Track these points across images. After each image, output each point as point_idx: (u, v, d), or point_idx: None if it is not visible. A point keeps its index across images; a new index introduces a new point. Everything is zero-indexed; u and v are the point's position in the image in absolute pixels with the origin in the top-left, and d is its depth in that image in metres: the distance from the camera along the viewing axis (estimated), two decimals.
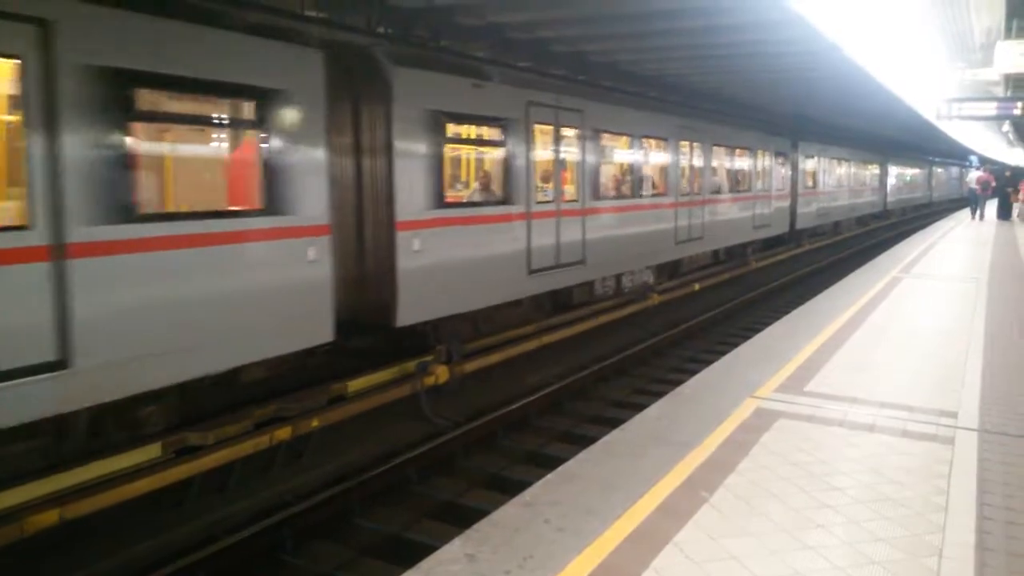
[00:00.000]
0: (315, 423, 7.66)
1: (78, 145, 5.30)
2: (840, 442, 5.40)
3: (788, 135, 22.83)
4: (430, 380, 9.13)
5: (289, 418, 7.48)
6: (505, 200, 10.07)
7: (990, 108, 20.17)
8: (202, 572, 5.79)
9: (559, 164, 11.12)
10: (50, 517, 5.55)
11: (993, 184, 32.55)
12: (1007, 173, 37.77)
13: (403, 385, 8.84)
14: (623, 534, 4.01)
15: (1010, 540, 3.99)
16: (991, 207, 31.42)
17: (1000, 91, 20.75)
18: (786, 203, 22.39)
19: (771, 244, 22.78)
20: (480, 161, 11.34)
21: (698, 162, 16.08)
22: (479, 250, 9.52)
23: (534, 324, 11.66)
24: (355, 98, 8.35)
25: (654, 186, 14.25)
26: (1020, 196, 29.85)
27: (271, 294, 6.80)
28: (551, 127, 10.98)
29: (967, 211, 33.15)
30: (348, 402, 8.18)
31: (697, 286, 16.92)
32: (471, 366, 9.91)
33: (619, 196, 13.03)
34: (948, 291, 11.97)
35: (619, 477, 4.74)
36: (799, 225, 23.67)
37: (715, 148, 16.98)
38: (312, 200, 7.18)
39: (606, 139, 12.59)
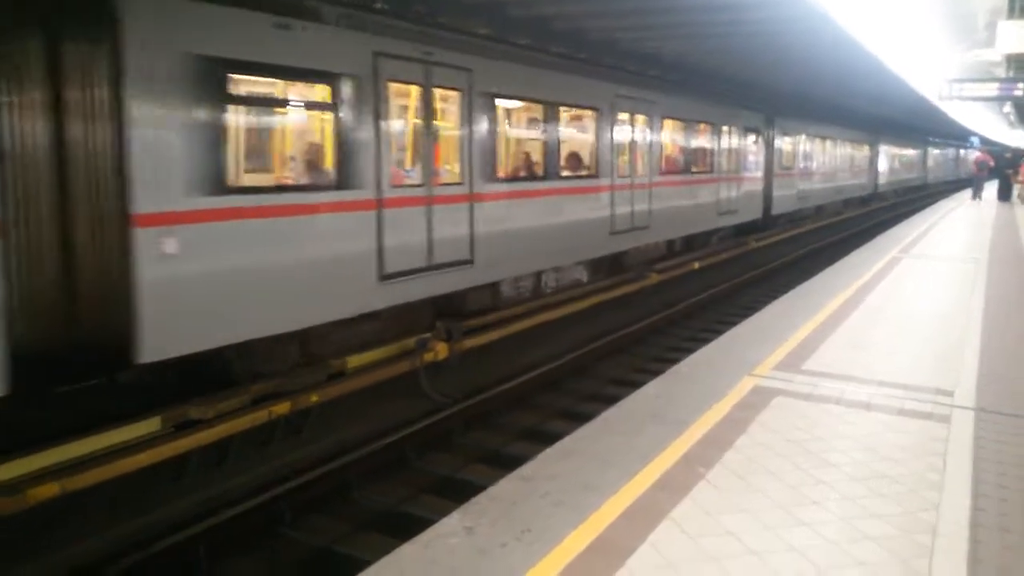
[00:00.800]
0: (314, 398, 7.69)
1: None
2: (837, 420, 5.43)
3: (763, 109, 20.47)
4: (429, 356, 9.15)
5: (288, 393, 7.51)
6: (340, 184, 7.53)
7: (992, 89, 20.10)
8: (201, 545, 5.84)
9: (430, 136, 8.61)
10: (51, 489, 5.58)
11: (991, 164, 32.50)
12: (1007, 155, 37.66)
13: (402, 361, 8.87)
14: (620, 509, 4.05)
15: (1003, 517, 4.03)
16: (991, 188, 31.39)
17: (1002, 72, 20.67)
18: (759, 186, 20.02)
19: (745, 231, 20.07)
20: (298, 132, 8.15)
21: (643, 138, 13.71)
22: (291, 252, 7.07)
23: (526, 304, 11.65)
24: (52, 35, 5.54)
25: (580, 166, 12.07)
26: (1020, 177, 29.77)
27: None
28: (416, 88, 8.51)
29: (965, 193, 33.22)
30: (347, 378, 8.21)
31: (697, 265, 16.91)
32: (470, 343, 9.93)
33: (528, 178, 10.76)
34: (947, 271, 11.99)
35: (616, 453, 4.77)
36: (775, 210, 21.30)
37: (667, 122, 14.69)
38: None
39: (508, 107, 10.62)
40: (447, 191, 8.90)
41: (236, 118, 6.92)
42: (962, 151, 64.76)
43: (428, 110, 8.62)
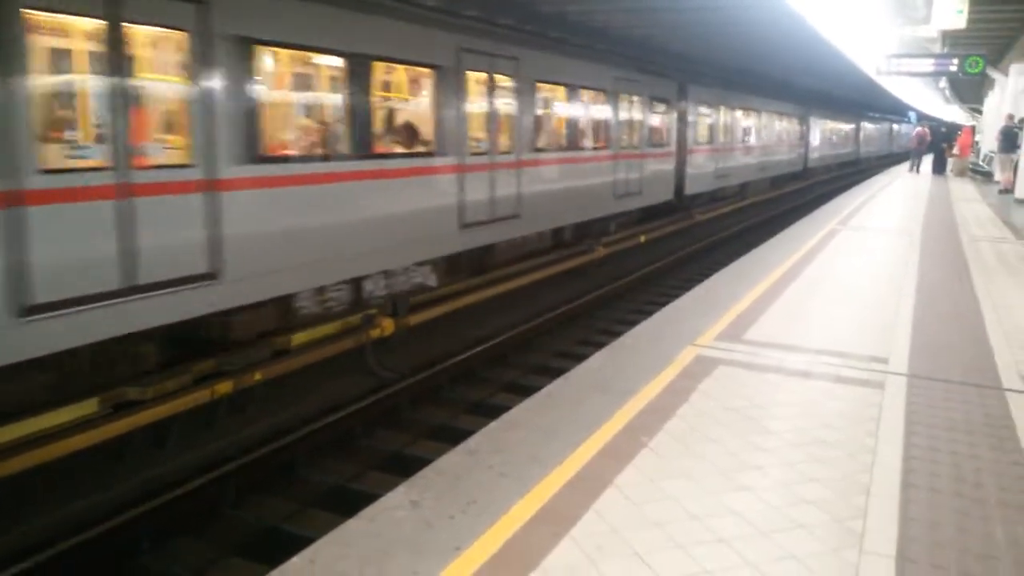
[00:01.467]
0: (257, 376, 7.58)
1: None
2: (776, 388, 5.55)
3: (675, 77, 18.31)
4: (376, 333, 9.09)
5: (231, 372, 7.38)
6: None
7: (928, 64, 20.59)
8: (143, 527, 5.74)
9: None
10: None
11: (929, 139, 33.43)
12: (942, 129, 38.71)
13: (348, 338, 8.78)
14: (565, 479, 4.08)
15: (933, 477, 4.17)
16: (927, 162, 32.26)
17: (937, 48, 21.17)
18: (669, 164, 17.74)
19: (655, 215, 18.12)
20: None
21: (507, 107, 11.17)
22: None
23: (479, 277, 11.64)
24: None
25: (412, 141, 9.55)
26: (954, 151, 30.64)
27: None
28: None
29: (899, 167, 34.24)
30: (292, 356, 8.10)
31: (643, 238, 17.07)
32: (416, 319, 9.88)
33: (316, 159, 7.97)
34: (883, 243, 12.30)
35: (561, 425, 4.80)
36: (689, 190, 19.00)
37: (541, 87, 11.98)
38: None
39: (272, 64, 7.84)
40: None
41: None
42: (895, 126, 64.39)
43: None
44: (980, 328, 7.21)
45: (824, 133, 36.96)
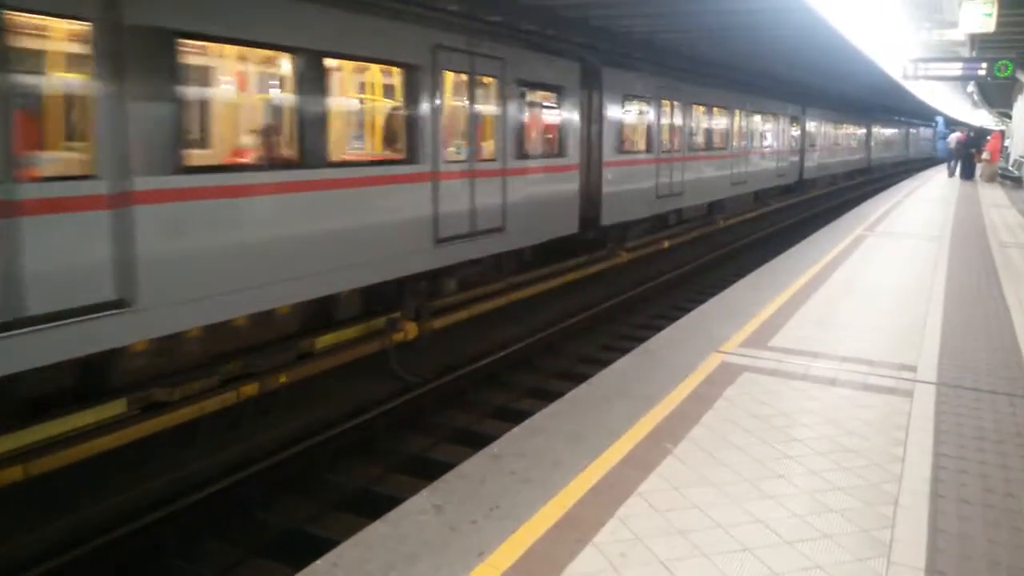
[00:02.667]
0: (283, 379, 7.64)
1: None
2: (802, 395, 5.51)
3: (578, 56, 12.74)
4: (399, 336, 9.12)
5: (256, 374, 7.44)
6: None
7: (955, 69, 20.33)
8: (169, 528, 5.80)
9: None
10: (14, 473, 5.50)
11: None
12: (971, 134, 38.23)
13: (372, 341, 8.83)
14: (588, 484, 4.07)
15: (961, 488, 4.12)
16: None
17: (965, 52, 20.90)
18: (570, 184, 12.28)
19: (553, 251, 12.79)
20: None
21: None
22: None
23: (503, 280, 11.64)
24: None
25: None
26: (983, 156, 30.24)
27: None
28: None
29: (920, 176, 33.87)
30: (316, 358, 8.15)
31: (667, 243, 17.00)
32: (440, 322, 9.91)
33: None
34: (911, 249, 12.16)
35: (585, 430, 4.79)
36: (609, 218, 13.54)
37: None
38: None
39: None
40: None
41: None
42: (914, 130, 59.15)
43: None
44: (1010, 336, 7.12)
45: (825, 137, 31.55)
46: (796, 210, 27.37)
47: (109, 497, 6.20)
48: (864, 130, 40.62)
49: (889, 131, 48.40)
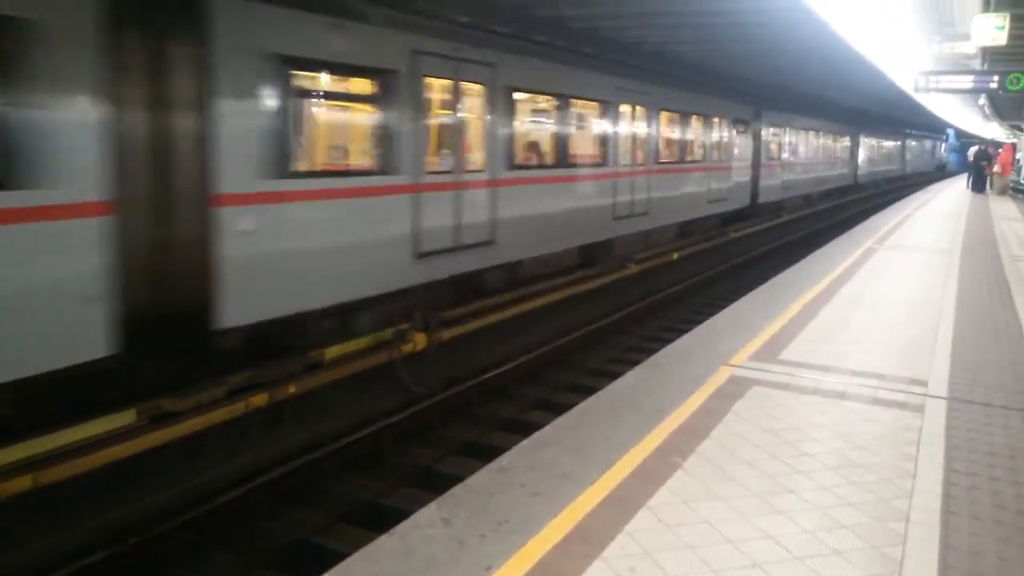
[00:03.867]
0: (292, 389, 7.65)
1: None
2: (812, 409, 5.48)
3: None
4: (408, 348, 9.13)
5: (265, 384, 7.46)
6: None
7: (967, 81, 20.29)
8: (177, 538, 5.80)
9: None
10: (23, 483, 5.52)
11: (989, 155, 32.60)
12: (986, 149, 38.10)
13: (380, 352, 8.83)
14: (597, 498, 4.06)
15: (973, 504, 4.09)
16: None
17: (977, 64, 20.87)
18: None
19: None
20: None
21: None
22: None
23: (511, 292, 11.64)
24: None
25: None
26: (993, 169, 30.13)
27: None
28: None
29: (919, 196, 32.24)
30: (325, 369, 8.16)
31: (676, 255, 16.98)
32: (448, 334, 9.91)
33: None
34: (921, 262, 12.12)
35: (594, 443, 4.78)
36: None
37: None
38: None
39: None
40: None
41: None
42: (913, 142, 54.40)
43: None
44: (1022, 350, 7.08)
45: (797, 148, 27.02)
46: (804, 223, 27.28)
47: (117, 507, 6.21)
48: (847, 142, 35.72)
49: (880, 143, 42.14)
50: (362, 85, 8.38)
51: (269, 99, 7.10)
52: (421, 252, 8.95)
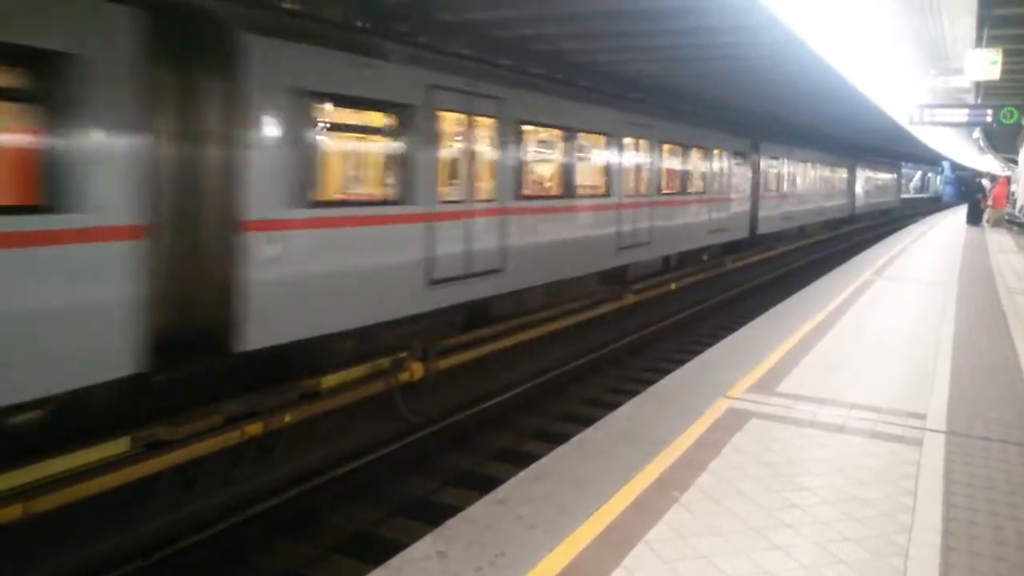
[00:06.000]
0: (287, 419, 7.60)
1: None
2: (810, 442, 5.45)
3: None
4: (405, 376, 9.09)
5: (261, 413, 7.41)
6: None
7: (961, 115, 20.48)
8: (168, 568, 5.73)
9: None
10: (13, 511, 5.46)
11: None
12: (977, 180, 38.30)
13: (377, 381, 8.80)
14: (594, 532, 4.02)
15: (972, 540, 4.05)
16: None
17: (971, 98, 21.08)
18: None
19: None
20: None
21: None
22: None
23: (509, 322, 11.62)
24: None
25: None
26: (988, 202, 30.26)
27: None
28: None
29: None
30: (321, 398, 8.13)
31: (673, 285, 17.00)
32: (446, 363, 9.88)
33: None
34: (919, 294, 12.13)
35: (592, 475, 4.75)
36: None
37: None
38: None
39: None
40: None
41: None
42: (886, 175, 46.33)
43: None
44: (1020, 384, 7.06)
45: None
46: (802, 253, 27.36)
47: (109, 537, 6.14)
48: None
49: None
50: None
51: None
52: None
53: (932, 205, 63.15)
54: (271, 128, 7.09)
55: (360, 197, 8.64)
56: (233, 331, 6.71)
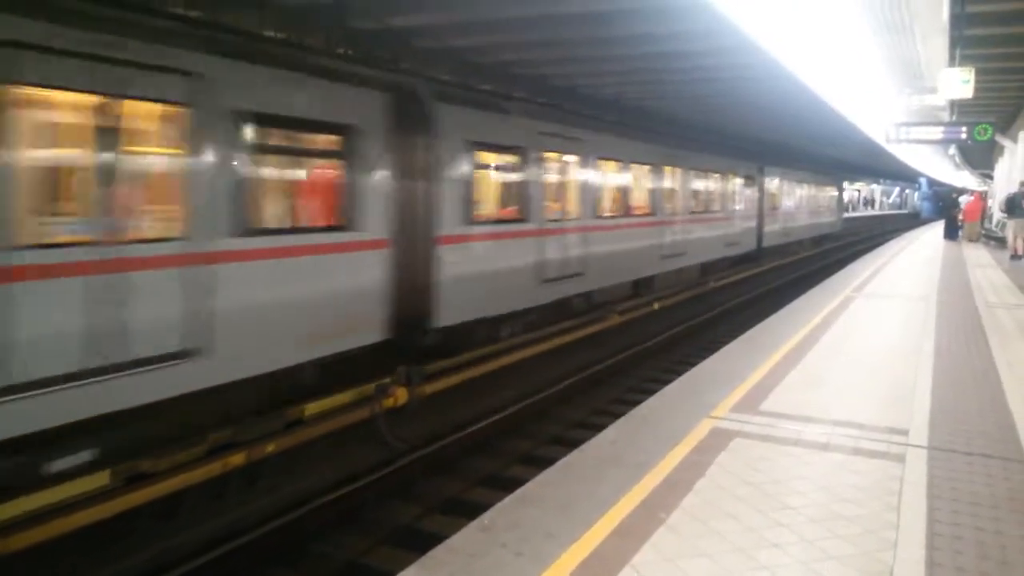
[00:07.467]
0: (270, 448, 7.55)
1: None
2: (794, 461, 5.46)
3: None
4: (389, 402, 9.06)
5: (244, 443, 7.35)
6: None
7: (937, 132, 20.79)
8: None
9: None
10: None
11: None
12: (953, 195, 38.74)
13: (361, 408, 8.75)
14: (580, 557, 4.00)
15: (957, 555, 4.07)
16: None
17: (946, 116, 21.41)
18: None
19: None
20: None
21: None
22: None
23: (493, 345, 11.64)
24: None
25: None
26: (962, 217, 30.58)
27: None
28: None
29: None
30: (305, 426, 8.07)
31: (656, 305, 17.05)
32: (430, 388, 9.86)
33: None
34: (899, 310, 12.23)
35: (577, 500, 4.73)
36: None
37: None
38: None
39: None
40: None
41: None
42: (821, 190, 35.01)
43: None
44: (1001, 398, 7.11)
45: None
46: (783, 272, 27.55)
47: (89, 573, 6.05)
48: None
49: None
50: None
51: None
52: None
53: (911, 221, 63.83)
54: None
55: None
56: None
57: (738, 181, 22.69)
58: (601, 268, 14.22)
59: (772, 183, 26.47)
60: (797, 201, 30.34)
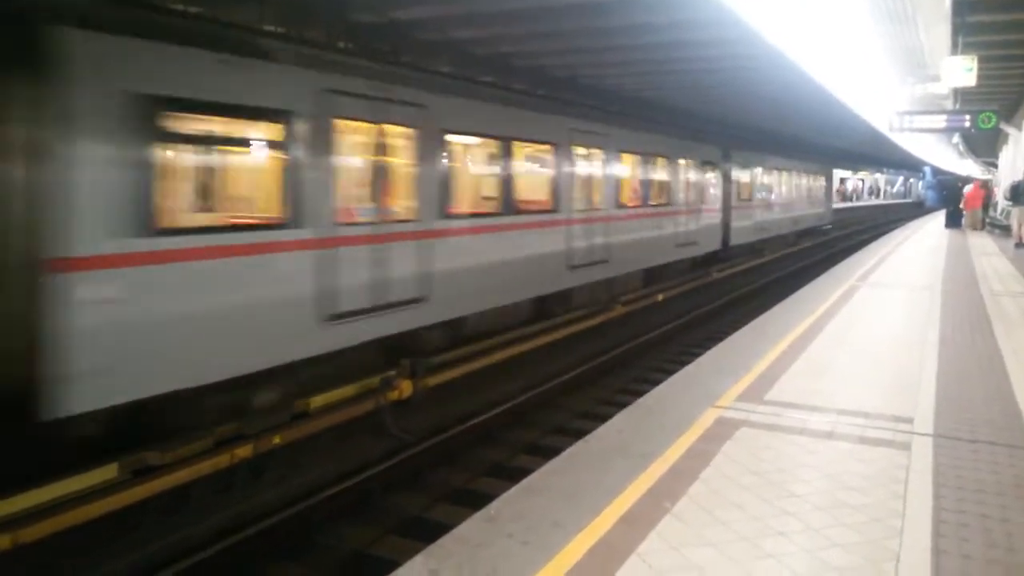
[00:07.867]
0: (277, 440, 7.58)
1: None
2: (799, 450, 5.47)
3: None
4: (394, 395, 9.08)
5: (250, 436, 7.38)
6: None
7: (940, 121, 20.72)
8: None
9: None
10: (2, 543, 5.41)
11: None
12: (958, 184, 38.62)
13: (366, 400, 8.78)
14: (586, 546, 4.02)
15: (963, 543, 4.08)
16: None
17: (949, 104, 21.33)
18: None
19: None
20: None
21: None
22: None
23: (499, 336, 11.65)
24: None
25: None
26: (964, 204, 30.46)
27: None
28: None
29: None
30: (311, 418, 8.10)
31: (661, 296, 17.04)
32: (435, 380, 9.87)
33: None
34: (903, 299, 12.22)
35: (582, 489, 4.75)
36: None
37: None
38: None
39: None
40: None
41: None
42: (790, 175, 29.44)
43: None
44: (1006, 386, 7.11)
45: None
46: (789, 262, 27.51)
47: (97, 565, 6.08)
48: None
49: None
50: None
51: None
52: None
53: (916, 210, 63.68)
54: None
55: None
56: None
57: (693, 168, 18.49)
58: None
59: (741, 171, 22.24)
60: (775, 191, 26.06)
